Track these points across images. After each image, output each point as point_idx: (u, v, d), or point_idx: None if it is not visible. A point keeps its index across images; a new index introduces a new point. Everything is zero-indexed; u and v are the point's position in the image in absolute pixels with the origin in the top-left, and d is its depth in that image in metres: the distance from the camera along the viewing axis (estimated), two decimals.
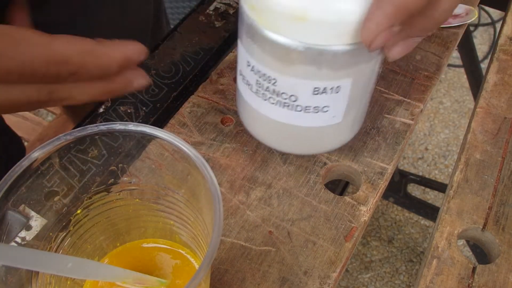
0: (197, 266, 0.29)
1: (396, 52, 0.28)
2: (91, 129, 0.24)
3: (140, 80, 0.31)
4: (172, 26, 0.46)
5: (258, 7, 0.28)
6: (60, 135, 0.24)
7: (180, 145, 0.24)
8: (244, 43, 0.31)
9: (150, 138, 0.25)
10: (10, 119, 0.94)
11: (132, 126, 0.24)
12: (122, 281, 0.26)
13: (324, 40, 0.27)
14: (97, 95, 0.30)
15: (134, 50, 0.29)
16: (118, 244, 0.30)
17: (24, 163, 0.23)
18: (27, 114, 1.06)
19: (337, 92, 0.30)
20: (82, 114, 0.39)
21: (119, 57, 0.29)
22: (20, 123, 1.00)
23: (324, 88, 0.30)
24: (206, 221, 0.25)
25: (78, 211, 0.27)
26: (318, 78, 0.29)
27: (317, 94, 0.30)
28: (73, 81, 0.28)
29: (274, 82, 0.30)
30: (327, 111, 0.31)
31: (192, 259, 0.29)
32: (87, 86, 0.29)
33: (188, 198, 0.27)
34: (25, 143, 0.93)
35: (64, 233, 0.27)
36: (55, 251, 0.26)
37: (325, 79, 0.29)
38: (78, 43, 0.27)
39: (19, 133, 0.59)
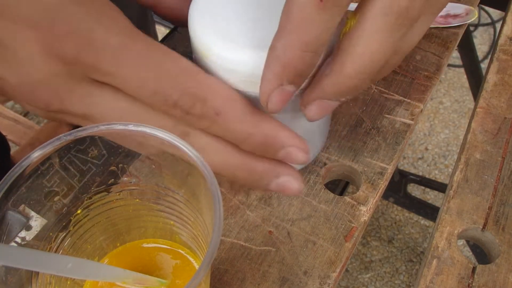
0: (197, 266, 0.29)
1: (312, 112, 0.26)
2: (91, 129, 0.24)
3: (291, 182, 0.28)
4: (168, 30, 0.46)
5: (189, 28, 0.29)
6: (61, 135, 0.24)
7: (180, 145, 0.24)
8: None
9: (150, 138, 0.25)
10: (2, 123, 0.93)
11: (132, 126, 0.24)
12: (122, 281, 0.26)
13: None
14: (231, 165, 0.28)
15: (294, 142, 0.27)
16: (118, 244, 0.30)
17: (24, 163, 0.23)
18: (19, 117, 1.05)
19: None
20: None
21: (265, 132, 0.26)
22: (11, 126, 0.99)
23: None
24: (206, 221, 0.25)
25: (78, 211, 0.27)
26: None
27: None
28: (207, 128, 0.27)
29: None
30: None
31: (192, 259, 0.29)
32: (223, 146, 0.27)
33: (188, 198, 0.27)
34: (16, 147, 0.93)
35: (64, 233, 0.27)
36: (55, 251, 0.26)
37: None
38: (226, 91, 0.27)
39: (10, 137, 0.58)
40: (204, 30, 0.27)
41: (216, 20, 0.27)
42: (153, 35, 0.69)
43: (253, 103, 0.28)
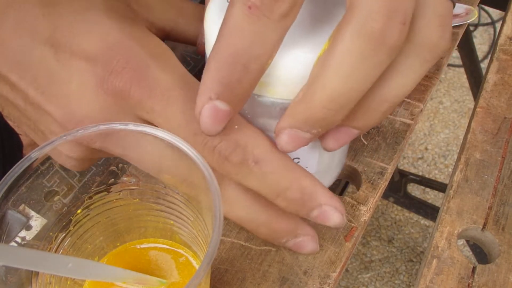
0: (197, 266, 0.29)
1: (282, 141, 0.24)
2: (91, 129, 0.24)
3: (308, 243, 0.29)
4: None
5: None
6: (61, 134, 0.24)
7: (180, 145, 0.24)
8: None
9: (150, 138, 0.25)
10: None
11: (132, 126, 0.24)
12: (122, 281, 0.26)
13: (278, 94, 0.25)
14: (255, 221, 0.28)
15: (332, 202, 0.26)
16: (118, 244, 0.30)
17: (24, 163, 0.23)
18: None
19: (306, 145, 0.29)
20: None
21: (303, 187, 0.25)
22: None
23: None
24: (206, 221, 0.25)
25: (78, 211, 0.27)
26: None
27: None
28: (243, 178, 0.25)
29: None
30: (298, 162, 0.29)
31: (192, 259, 0.29)
32: (250, 203, 0.28)
33: (188, 198, 0.27)
34: None
35: (64, 233, 0.27)
36: (55, 251, 0.26)
37: None
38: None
39: None
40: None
41: None
42: None
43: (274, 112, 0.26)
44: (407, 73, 0.23)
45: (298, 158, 0.29)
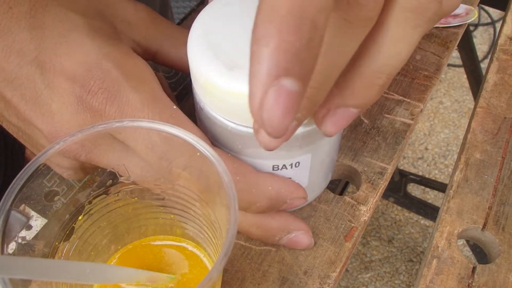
0: (201, 256, 0.29)
1: (330, 125, 0.22)
2: (98, 127, 0.24)
3: (302, 237, 0.31)
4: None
5: (206, 87, 0.26)
6: (66, 136, 0.24)
7: (194, 142, 0.23)
8: (200, 125, 0.29)
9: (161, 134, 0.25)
10: None
11: (146, 123, 0.24)
12: (136, 282, 0.26)
13: None
14: (245, 223, 0.30)
15: (297, 194, 0.29)
16: (119, 247, 0.30)
17: (30, 168, 0.23)
18: None
19: (297, 166, 0.29)
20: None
21: (268, 197, 0.28)
22: None
23: (283, 165, 0.29)
24: (216, 213, 0.25)
25: (80, 218, 0.27)
26: (275, 157, 0.28)
27: (276, 170, 0.29)
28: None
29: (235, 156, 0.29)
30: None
31: (196, 251, 0.29)
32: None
33: (194, 189, 0.27)
34: None
35: (68, 242, 0.27)
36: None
37: (282, 158, 0.28)
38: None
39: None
40: (205, 65, 0.25)
41: (217, 52, 0.25)
42: (171, 19, 0.68)
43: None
44: (400, 40, 0.20)
45: (290, 178, 0.30)
